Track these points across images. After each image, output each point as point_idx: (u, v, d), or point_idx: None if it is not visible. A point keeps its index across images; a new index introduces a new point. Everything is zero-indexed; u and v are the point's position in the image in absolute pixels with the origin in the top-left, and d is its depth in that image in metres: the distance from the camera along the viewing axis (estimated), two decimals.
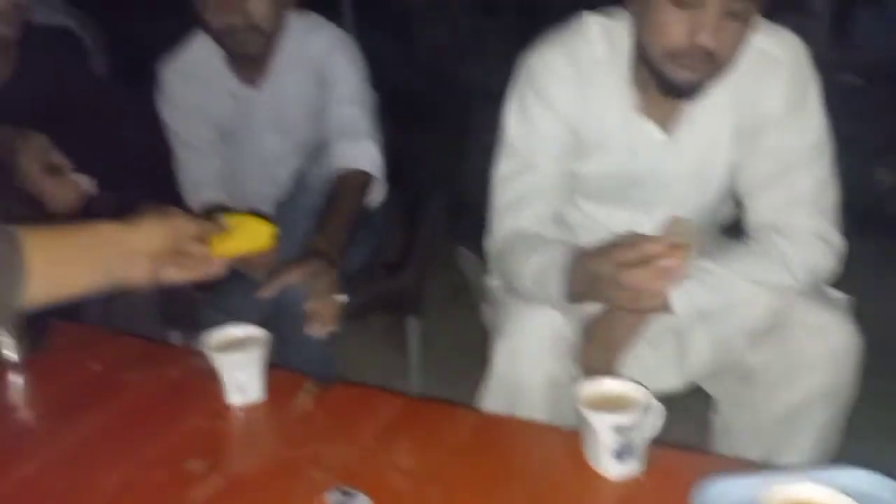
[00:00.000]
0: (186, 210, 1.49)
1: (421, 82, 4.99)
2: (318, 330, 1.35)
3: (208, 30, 1.57)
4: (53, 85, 1.69)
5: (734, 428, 1.28)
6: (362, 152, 1.60)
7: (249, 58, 1.63)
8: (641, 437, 0.88)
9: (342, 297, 1.37)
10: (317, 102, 1.66)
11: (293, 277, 1.38)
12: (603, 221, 1.36)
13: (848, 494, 0.73)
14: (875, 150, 3.26)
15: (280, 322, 1.53)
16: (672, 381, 1.31)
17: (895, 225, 2.87)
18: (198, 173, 1.75)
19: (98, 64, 3.01)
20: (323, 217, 1.50)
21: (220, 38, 1.57)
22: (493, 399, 1.17)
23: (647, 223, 1.33)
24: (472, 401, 1.19)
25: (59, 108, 1.66)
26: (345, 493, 0.84)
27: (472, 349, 1.29)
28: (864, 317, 1.20)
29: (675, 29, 1.09)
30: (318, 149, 1.67)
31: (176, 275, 0.92)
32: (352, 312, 1.71)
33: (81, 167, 1.66)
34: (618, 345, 1.23)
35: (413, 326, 1.87)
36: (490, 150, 1.36)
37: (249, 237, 0.99)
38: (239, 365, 1.02)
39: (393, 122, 2.02)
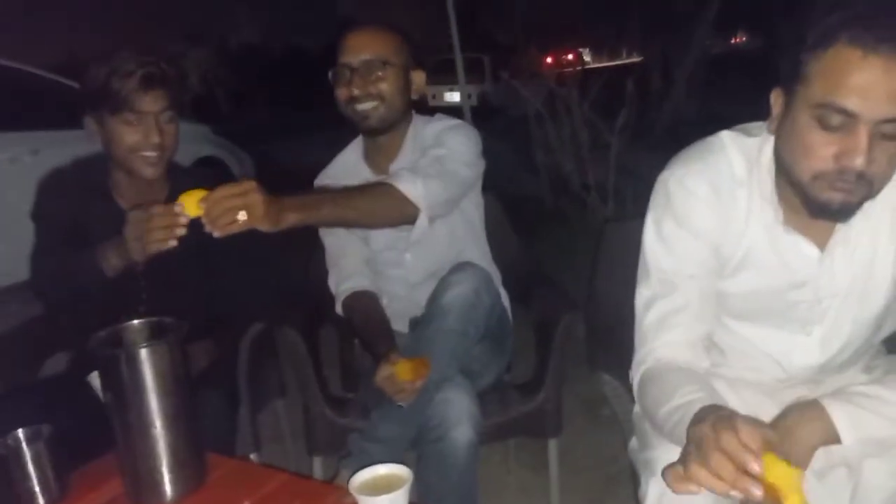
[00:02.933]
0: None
1: (545, 186, 5.04)
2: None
3: (348, 120, 1.71)
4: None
5: None
6: (411, 178, 1.57)
7: (384, 146, 1.75)
8: None
9: (242, 215, 1.26)
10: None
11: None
12: (756, 342, 1.29)
13: None
14: None
15: (425, 448, 1.54)
16: None
17: None
18: (346, 263, 1.80)
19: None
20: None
21: (356, 120, 1.69)
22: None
23: (803, 343, 1.25)
24: None
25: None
26: None
27: (612, 466, 1.23)
28: None
29: (823, 153, 1.05)
30: (453, 272, 1.69)
31: None
32: (488, 436, 1.69)
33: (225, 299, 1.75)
34: None
35: (553, 448, 1.82)
36: (621, 269, 1.33)
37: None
38: None
39: (519, 233, 2.05)
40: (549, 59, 20.01)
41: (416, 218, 1.57)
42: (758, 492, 0.83)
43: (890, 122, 1.01)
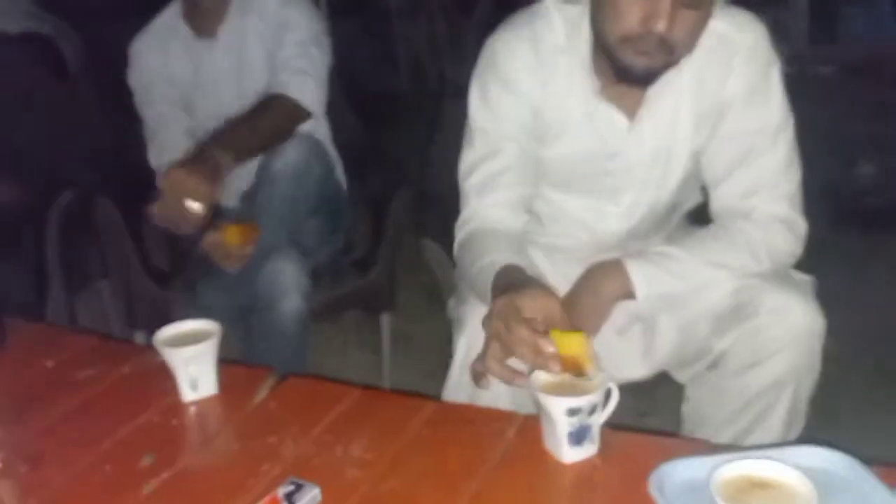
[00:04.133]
0: None
1: (391, 78, 5.00)
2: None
3: None
4: (12, 86, 1.67)
5: (703, 414, 1.27)
6: (299, 83, 1.54)
7: (205, 8, 1.66)
8: (597, 420, 0.87)
9: (196, 206, 1.24)
10: (272, 52, 1.64)
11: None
12: (569, 210, 1.34)
13: (804, 471, 0.72)
14: (857, 143, 3.27)
15: (253, 317, 1.52)
16: (640, 370, 1.30)
17: (877, 218, 2.88)
18: (166, 136, 1.72)
19: (74, 66, 2.98)
20: (229, 121, 1.42)
21: None
22: (455, 393, 1.16)
23: (612, 210, 1.32)
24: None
25: (21, 108, 1.64)
26: (296, 485, 0.82)
27: (445, 348, 1.28)
28: (847, 308, 1.19)
29: (630, 15, 1.08)
30: None
31: None
32: (322, 310, 1.70)
33: (45, 164, 1.63)
34: None
35: (386, 324, 1.85)
36: (457, 144, 1.34)
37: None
38: (189, 358, 1.00)
39: (361, 118, 2.01)
40: None
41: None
42: (556, 367, 0.88)
43: None
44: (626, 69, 1.13)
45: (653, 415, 1.79)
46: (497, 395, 1.13)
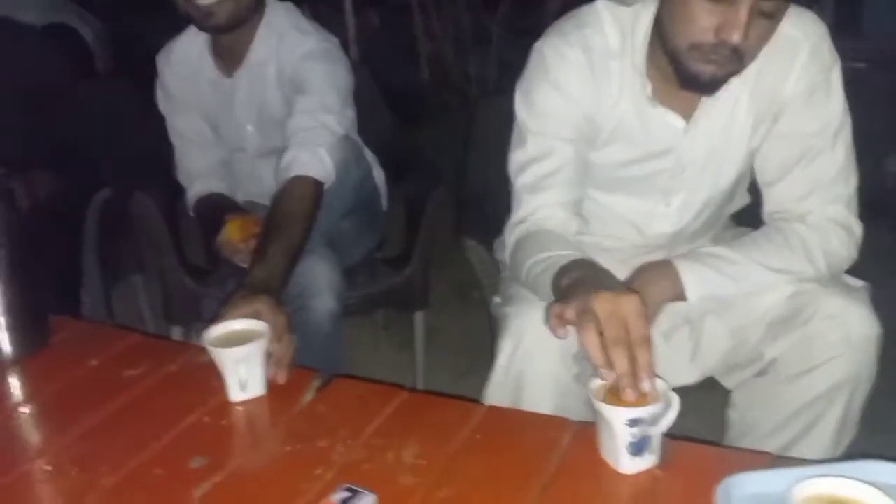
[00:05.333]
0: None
1: (425, 76, 4.99)
2: (279, 375, 1.06)
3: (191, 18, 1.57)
4: (36, 80, 1.67)
5: (751, 422, 1.25)
6: (312, 158, 1.49)
7: (226, 47, 1.64)
8: (657, 430, 0.84)
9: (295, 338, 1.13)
10: (289, 103, 1.62)
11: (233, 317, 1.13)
12: (618, 211, 1.32)
13: (877, 487, 0.70)
14: (884, 139, 3.20)
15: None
16: (687, 375, 1.28)
17: None
18: (193, 164, 1.75)
19: (103, 60, 2.99)
20: (265, 241, 1.35)
21: (199, 20, 1.55)
22: (497, 394, 1.14)
23: (662, 211, 1.30)
24: (477, 398, 1.16)
25: (42, 102, 1.64)
26: (351, 492, 0.81)
27: (479, 346, 1.26)
28: (878, 306, 1.16)
29: (704, 23, 1.05)
30: None
31: None
32: (356, 308, 1.69)
33: (83, 160, 1.64)
34: None
35: (419, 323, 1.84)
36: (494, 143, 1.33)
37: None
38: (238, 359, 0.99)
39: (397, 116, 2.00)
40: None
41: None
42: (632, 392, 0.84)
43: (768, 0, 1.02)
44: (693, 77, 1.10)
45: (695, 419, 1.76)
46: (540, 399, 1.12)
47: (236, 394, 1.00)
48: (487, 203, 1.39)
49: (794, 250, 1.16)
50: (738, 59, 1.07)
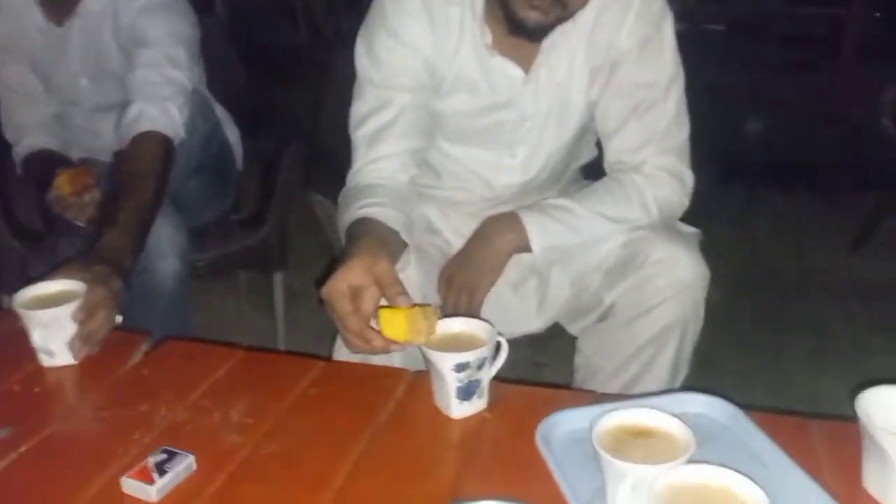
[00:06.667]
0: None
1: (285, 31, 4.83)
2: (77, 352, 0.96)
3: None
4: None
5: (594, 366, 1.29)
6: (162, 114, 1.41)
7: None
8: (485, 375, 0.85)
9: (118, 319, 1.03)
10: (128, 55, 1.53)
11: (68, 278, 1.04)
12: (466, 163, 1.32)
13: (684, 418, 0.73)
14: (743, 99, 3.38)
15: (129, 280, 1.43)
16: (535, 323, 1.31)
17: (761, 171, 3.00)
18: (21, 119, 1.63)
19: None
20: (114, 205, 1.27)
21: None
22: (345, 351, 1.12)
23: (508, 163, 1.31)
24: None
25: None
26: (169, 454, 0.77)
27: None
28: (730, 257, 1.22)
29: None
30: None
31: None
32: (210, 270, 1.62)
33: None
34: (477, 287, 1.20)
35: (279, 284, 1.79)
36: (349, 97, 1.29)
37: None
38: (40, 323, 0.92)
39: (251, 75, 1.92)
40: None
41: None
42: (393, 347, 0.89)
43: None
44: (520, 23, 1.11)
45: (550, 367, 1.82)
46: (391, 354, 1.11)
47: (46, 360, 0.94)
48: (337, 157, 1.35)
49: (631, 200, 1.20)
50: (561, 7, 1.09)
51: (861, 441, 0.72)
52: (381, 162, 1.21)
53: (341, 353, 1.12)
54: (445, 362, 0.83)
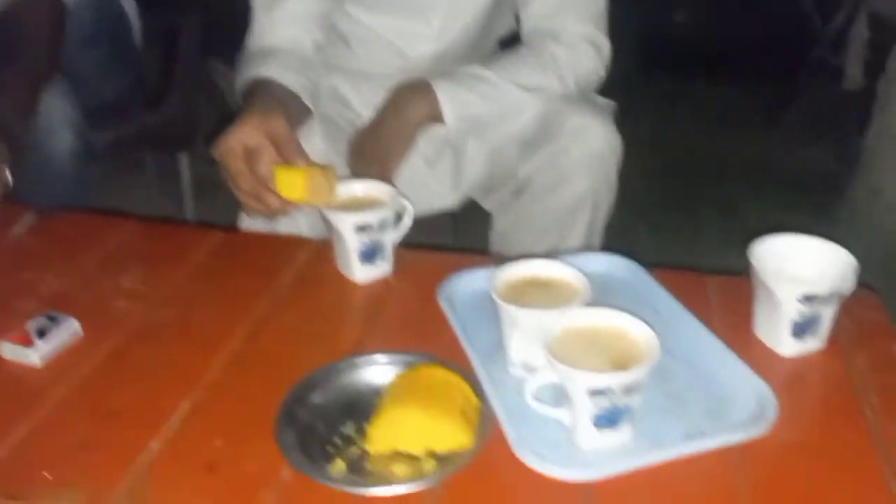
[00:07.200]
0: None
1: None
2: None
3: None
4: None
5: (509, 241, 1.28)
6: None
7: None
8: (389, 237, 0.83)
9: (9, 178, 1.02)
10: None
11: None
12: (378, 31, 1.25)
13: (585, 275, 0.73)
14: None
15: (21, 156, 1.34)
16: (449, 199, 1.29)
17: (687, 62, 2.99)
18: None
19: None
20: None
21: None
22: (250, 220, 1.09)
23: (423, 32, 1.25)
24: None
25: None
26: (50, 319, 0.73)
27: None
28: (649, 142, 1.21)
29: None
30: None
31: None
32: (112, 150, 1.54)
33: None
34: (388, 158, 1.16)
35: (185, 166, 1.71)
36: None
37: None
38: None
39: None
40: None
41: None
42: (290, 208, 0.85)
43: None
44: None
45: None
46: (297, 222, 1.08)
47: None
48: (236, 21, 1.27)
49: (546, 68, 1.17)
50: None
51: (754, 291, 0.73)
52: (280, 24, 1.14)
53: (245, 224, 1.09)
54: (345, 223, 0.80)
